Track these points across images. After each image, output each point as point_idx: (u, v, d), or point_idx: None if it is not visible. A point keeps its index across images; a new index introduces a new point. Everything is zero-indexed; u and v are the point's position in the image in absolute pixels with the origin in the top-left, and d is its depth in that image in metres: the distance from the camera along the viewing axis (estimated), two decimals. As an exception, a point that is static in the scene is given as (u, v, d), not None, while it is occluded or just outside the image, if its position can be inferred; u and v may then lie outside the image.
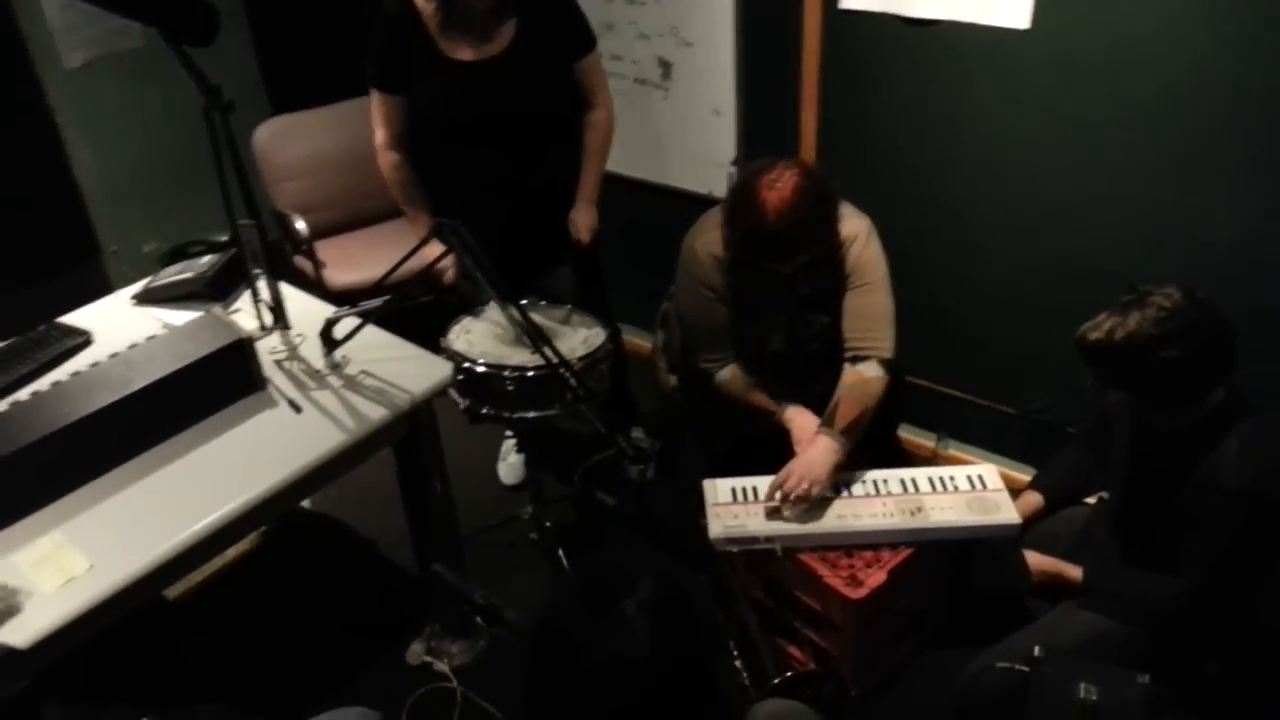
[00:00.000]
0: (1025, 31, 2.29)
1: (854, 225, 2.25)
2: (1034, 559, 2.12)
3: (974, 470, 2.30)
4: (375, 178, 2.63)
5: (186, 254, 2.50)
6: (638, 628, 1.12)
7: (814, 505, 2.19)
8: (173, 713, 1.19)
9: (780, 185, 2.05)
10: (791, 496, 2.16)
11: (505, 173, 2.50)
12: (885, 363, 2.26)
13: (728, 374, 2.37)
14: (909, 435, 2.95)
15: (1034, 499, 2.25)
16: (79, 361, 2.15)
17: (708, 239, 2.29)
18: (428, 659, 2.39)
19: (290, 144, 3.44)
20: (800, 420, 2.30)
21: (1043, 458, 2.46)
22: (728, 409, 2.40)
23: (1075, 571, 2.09)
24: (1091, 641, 1.97)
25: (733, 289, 2.29)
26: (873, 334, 2.27)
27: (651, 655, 1.11)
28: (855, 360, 2.27)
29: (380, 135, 2.50)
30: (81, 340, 2.24)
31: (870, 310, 2.27)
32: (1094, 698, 1.72)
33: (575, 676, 1.15)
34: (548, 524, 2.61)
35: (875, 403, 2.23)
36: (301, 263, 3.27)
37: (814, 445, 2.19)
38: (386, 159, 2.52)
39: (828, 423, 2.22)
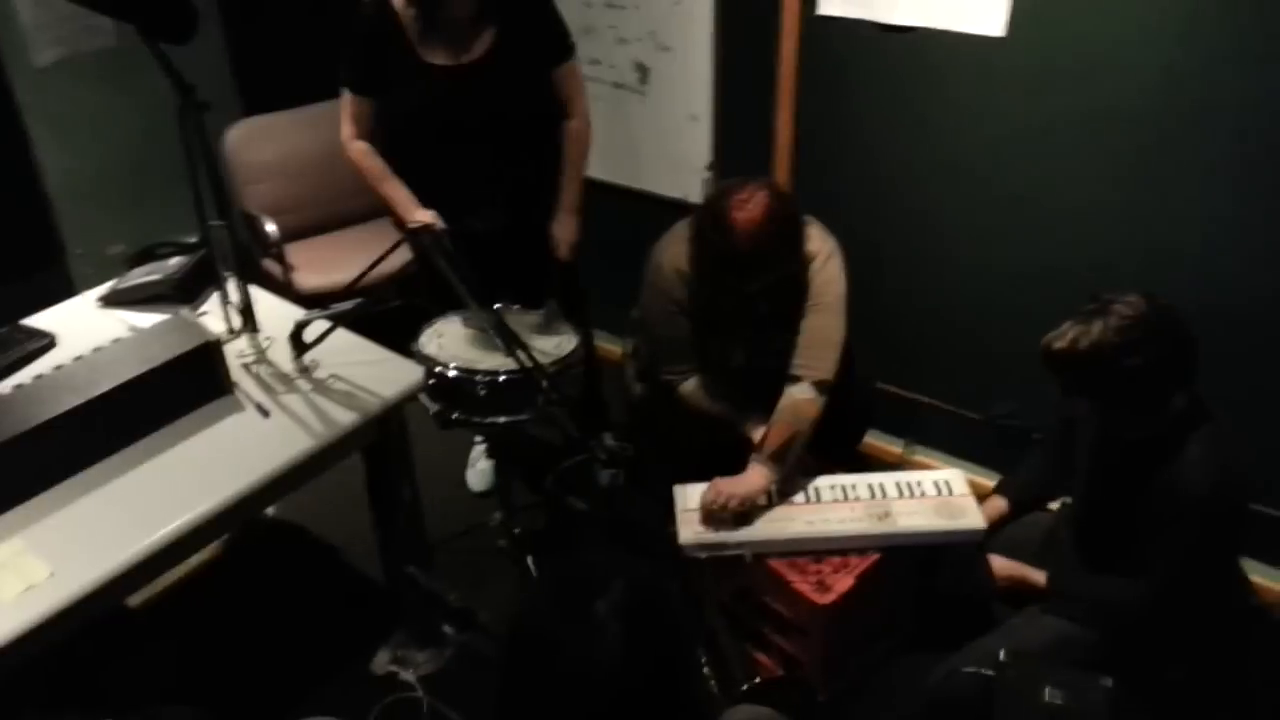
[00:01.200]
0: (1001, 39, 2.32)
1: (817, 245, 2.24)
2: (999, 564, 2.14)
3: (940, 475, 2.32)
4: (346, 181, 2.61)
5: (154, 255, 2.49)
6: (610, 629, 1.11)
7: (777, 514, 2.21)
8: (136, 715, 1.17)
9: (750, 206, 2.05)
10: (713, 508, 2.18)
11: (482, 178, 2.50)
12: (820, 385, 2.23)
13: (691, 385, 2.38)
14: (877, 441, 2.97)
15: (999, 504, 2.28)
16: (42, 364, 2.12)
17: (673, 253, 2.29)
18: (393, 668, 2.37)
19: (262, 146, 3.42)
20: (761, 433, 2.32)
21: (1008, 463, 2.48)
22: (692, 418, 2.41)
23: (1039, 576, 2.11)
24: (1056, 645, 1.99)
25: (697, 303, 2.30)
26: (813, 356, 2.24)
27: (624, 657, 1.11)
28: (793, 381, 2.25)
29: (347, 129, 2.48)
30: (45, 343, 2.21)
31: (815, 332, 2.25)
32: (1059, 701, 1.74)
33: (548, 678, 1.14)
34: (516, 531, 2.60)
35: (809, 425, 2.22)
36: (270, 265, 3.25)
37: (748, 469, 2.21)
38: (355, 147, 2.50)
39: (758, 448, 2.22)
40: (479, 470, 3.01)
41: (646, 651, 1.14)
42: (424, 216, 2.14)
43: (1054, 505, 2.32)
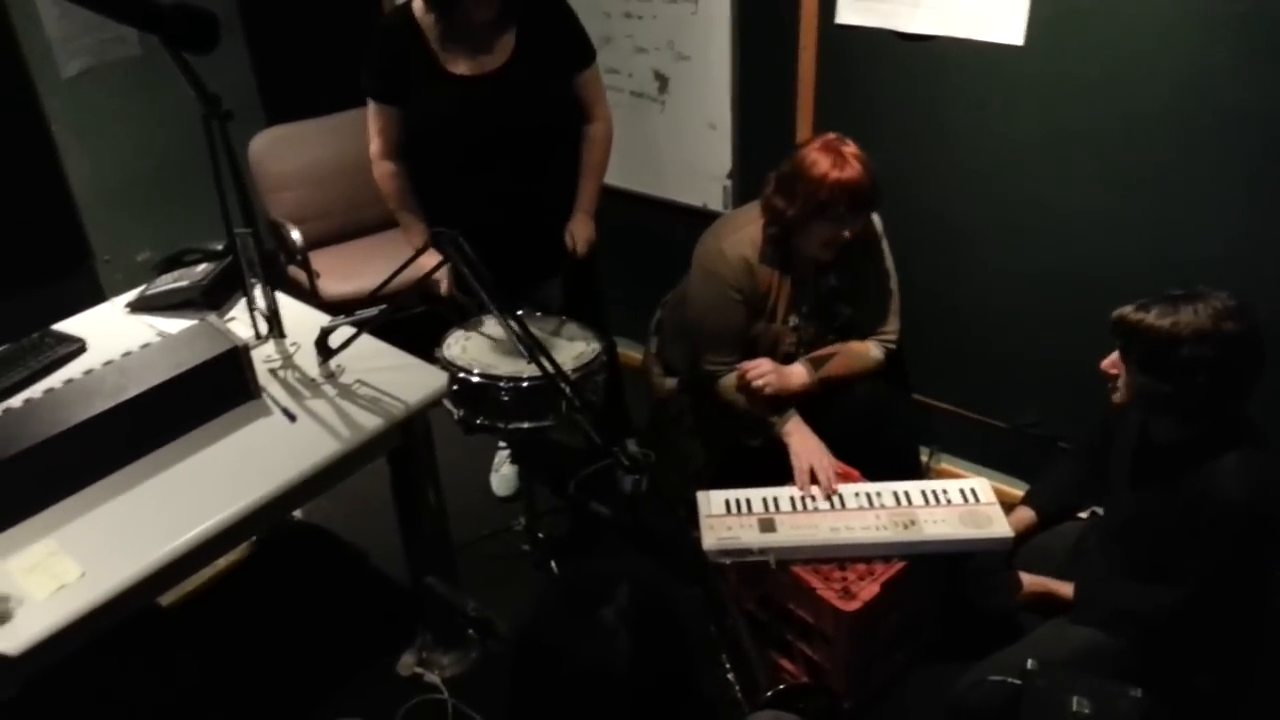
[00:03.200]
0: (1020, 48, 2.32)
1: (877, 224, 2.40)
2: (1025, 578, 2.12)
3: (966, 484, 2.31)
4: (370, 188, 2.63)
5: (182, 262, 2.50)
6: (617, 636, 1.12)
7: (801, 521, 2.24)
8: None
9: (845, 146, 2.19)
10: (750, 379, 2.34)
11: (503, 185, 2.51)
12: (887, 348, 2.45)
13: (733, 379, 2.39)
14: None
15: (1027, 515, 2.26)
16: (73, 369, 2.15)
17: (736, 240, 2.33)
18: (419, 670, 2.38)
19: (286, 154, 3.44)
20: (797, 437, 2.32)
21: (1033, 472, 2.48)
22: (727, 416, 2.41)
23: (1066, 589, 2.10)
24: (1083, 654, 1.97)
25: (761, 288, 2.35)
26: (882, 322, 2.46)
27: (631, 662, 1.12)
28: (864, 338, 2.45)
29: (375, 145, 2.50)
30: (75, 348, 2.24)
31: (883, 301, 2.45)
32: (1087, 711, 1.73)
33: (555, 685, 1.15)
34: (540, 535, 2.61)
35: (861, 369, 2.42)
36: (296, 273, 3.27)
37: (795, 365, 2.39)
38: (382, 168, 2.52)
39: (813, 360, 2.40)
40: (502, 475, 3.02)
41: (654, 655, 1.15)
42: (428, 262, 2.16)
43: (1082, 515, 2.30)
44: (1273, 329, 2.17)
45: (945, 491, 2.28)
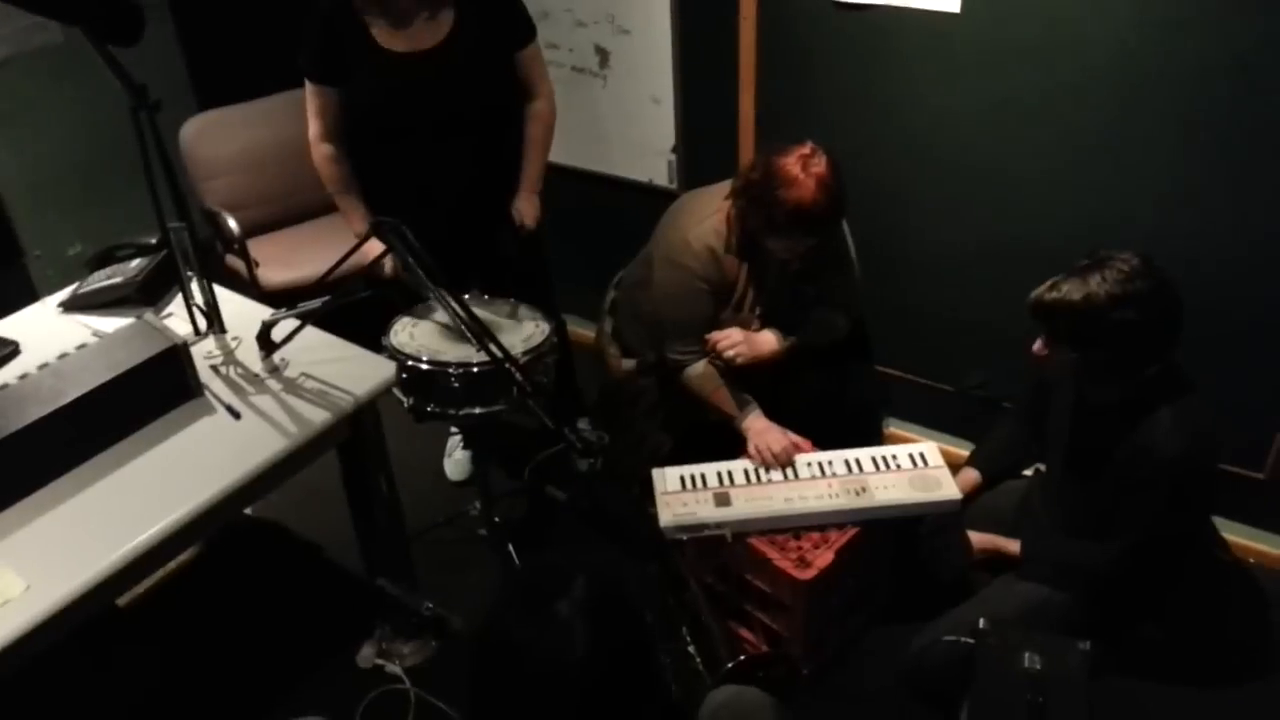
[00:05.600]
0: (957, 15, 2.33)
1: None
2: (974, 537, 2.17)
3: (915, 448, 2.34)
4: (307, 173, 2.58)
5: (114, 258, 2.44)
6: (573, 628, 1.13)
7: (756, 493, 2.25)
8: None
9: (816, 162, 2.12)
10: (721, 350, 2.34)
11: (445, 164, 2.48)
12: (851, 318, 2.50)
13: (700, 368, 2.40)
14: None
15: (972, 475, 2.31)
16: (7, 373, 2.08)
17: (700, 231, 2.31)
18: (379, 661, 2.37)
19: (219, 140, 3.36)
20: (757, 427, 2.35)
21: (980, 432, 2.52)
22: (689, 400, 2.43)
23: (1014, 545, 2.15)
24: (1032, 610, 2.03)
25: (728, 279, 2.34)
26: (847, 299, 2.48)
27: (588, 654, 1.13)
28: (831, 309, 2.48)
29: (314, 127, 2.45)
30: (9, 350, 2.17)
31: (848, 281, 2.46)
32: (1038, 666, 1.78)
33: (515, 680, 1.16)
34: (496, 519, 2.60)
35: (829, 339, 2.45)
36: (234, 262, 3.21)
37: (764, 332, 2.39)
38: (320, 151, 2.47)
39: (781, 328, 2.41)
40: (456, 460, 3.01)
41: (611, 644, 1.16)
42: (372, 250, 2.13)
43: (1027, 472, 2.36)
44: (1210, 282, 2.24)
45: (895, 457, 2.32)
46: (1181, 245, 2.24)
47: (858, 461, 2.31)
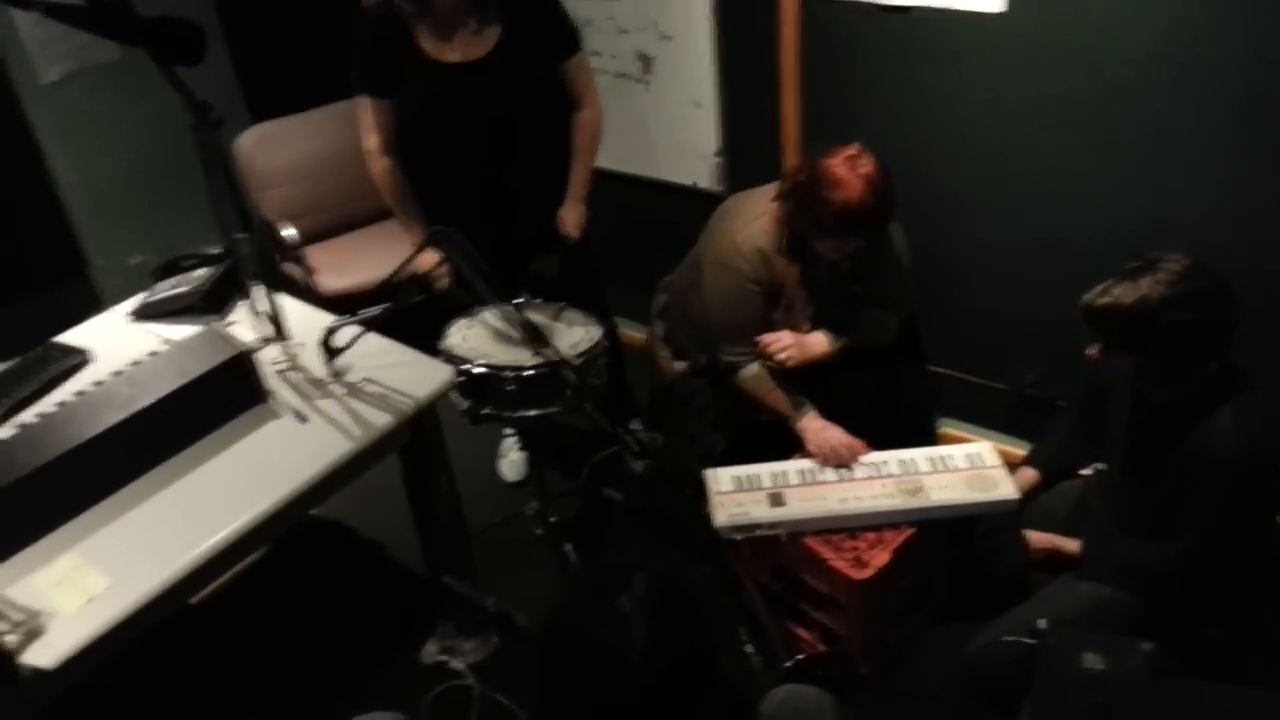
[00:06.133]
0: (1001, 14, 2.32)
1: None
2: (1033, 536, 2.16)
3: (971, 448, 2.34)
4: (360, 181, 2.63)
5: (179, 268, 2.50)
6: (634, 624, 1.16)
7: (810, 493, 2.27)
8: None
9: (863, 163, 2.12)
10: (772, 353, 2.35)
11: (493, 174, 2.51)
12: (903, 320, 2.49)
13: (754, 370, 2.41)
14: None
15: (1030, 474, 2.30)
16: (80, 380, 2.15)
17: (750, 232, 2.32)
18: (442, 658, 2.41)
19: (272, 151, 3.43)
20: (813, 428, 2.36)
21: (1036, 432, 2.51)
22: (743, 401, 2.45)
23: (1073, 545, 2.14)
24: (1093, 611, 2.02)
25: (778, 280, 2.35)
26: (900, 304, 2.48)
27: (649, 650, 1.15)
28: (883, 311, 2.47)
29: (371, 140, 2.50)
30: (80, 359, 2.25)
31: (900, 286, 2.45)
32: (1099, 667, 1.77)
33: (579, 674, 1.18)
34: (552, 519, 2.63)
35: (881, 341, 2.45)
36: (290, 269, 3.28)
37: (815, 334, 2.41)
38: (379, 164, 2.52)
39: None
40: (511, 460, 3.04)
41: (671, 643, 1.18)
42: (427, 261, 2.16)
43: (1086, 471, 2.34)
44: (1261, 279, 2.21)
45: (950, 457, 2.32)
46: (1237, 240, 2.22)
47: (913, 461, 2.31)
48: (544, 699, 1.24)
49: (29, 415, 1.98)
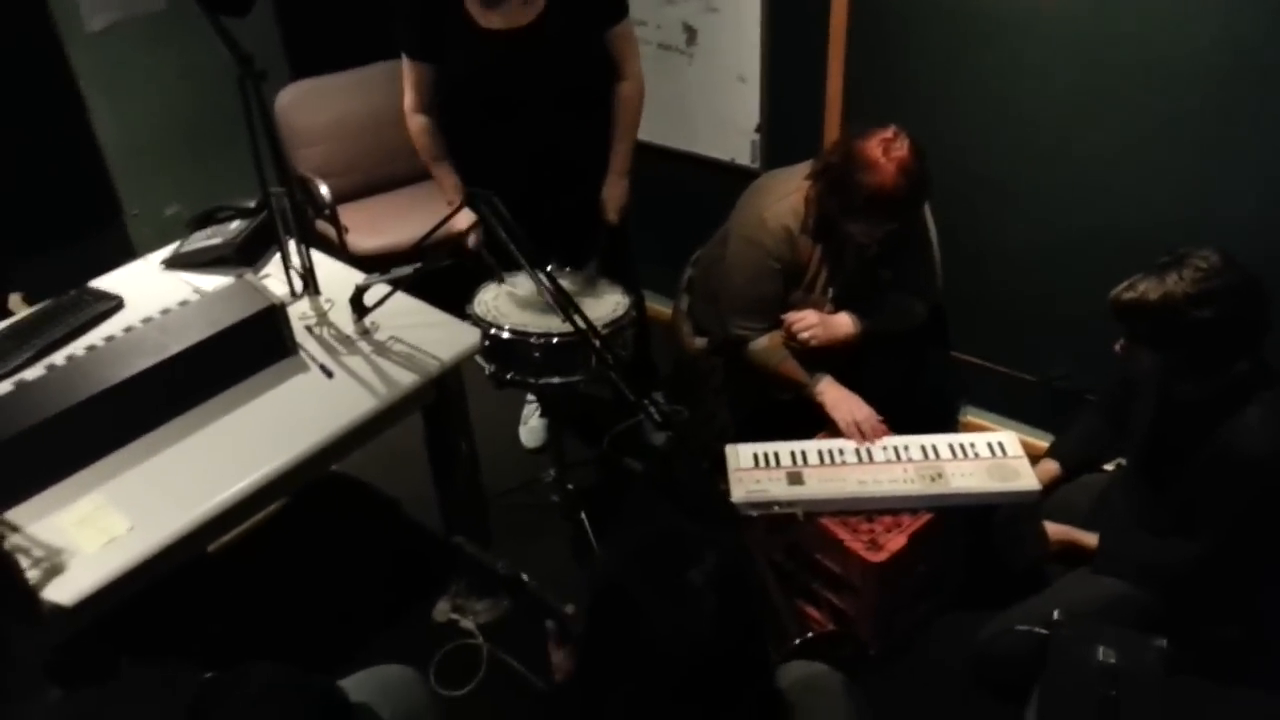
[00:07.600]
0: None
1: None
2: (1051, 528, 2.15)
3: (994, 437, 2.32)
4: (397, 142, 2.63)
5: (214, 219, 2.52)
6: (704, 600, 1.12)
7: (829, 474, 2.26)
8: (231, 671, 1.23)
9: (898, 146, 2.10)
10: (796, 331, 2.35)
11: (536, 140, 2.51)
12: (929, 306, 2.47)
13: (764, 342, 2.41)
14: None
15: (1051, 466, 2.28)
16: (112, 326, 2.18)
17: (778, 209, 2.31)
18: (454, 616, 2.44)
19: (312, 109, 3.44)
20: (832, 393, 2.35)
21: (1061, 425, 2.48)
22: (757, 376, 2.43)
23: (1091, 539, 2.12)
24: (1109, 605, 2.00)
25: (802, 259, 2.34)
26: (928, 285, 2.46)
27: (716, 626, 1.12)
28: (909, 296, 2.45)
29: (410, 99, 2.51)
30: (113, 305, 2.27)
31: (928, 266, 2.44)
32: (1113, 660, 1.76)
33: (636, 644, 1.14)
34: (570, 487, 2.65)
35: (906, 326, 2.44)
36: (324, 227, 3.29)
37: (840, 315, 2.40)
38: (415, 121, 2.53)
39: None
40: (531, 427, 3.06)
41: (736, 620, 1.15)
42: (462, 221, 2.16)
43: (1108, 466, 2.32)
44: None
45: (973, 445, 2.30)
46: (1276, 242, 2.18)
47: (934, 447, 2.30)
48: (588, 662, 1.22)
49: (59, 357, 2.01)
